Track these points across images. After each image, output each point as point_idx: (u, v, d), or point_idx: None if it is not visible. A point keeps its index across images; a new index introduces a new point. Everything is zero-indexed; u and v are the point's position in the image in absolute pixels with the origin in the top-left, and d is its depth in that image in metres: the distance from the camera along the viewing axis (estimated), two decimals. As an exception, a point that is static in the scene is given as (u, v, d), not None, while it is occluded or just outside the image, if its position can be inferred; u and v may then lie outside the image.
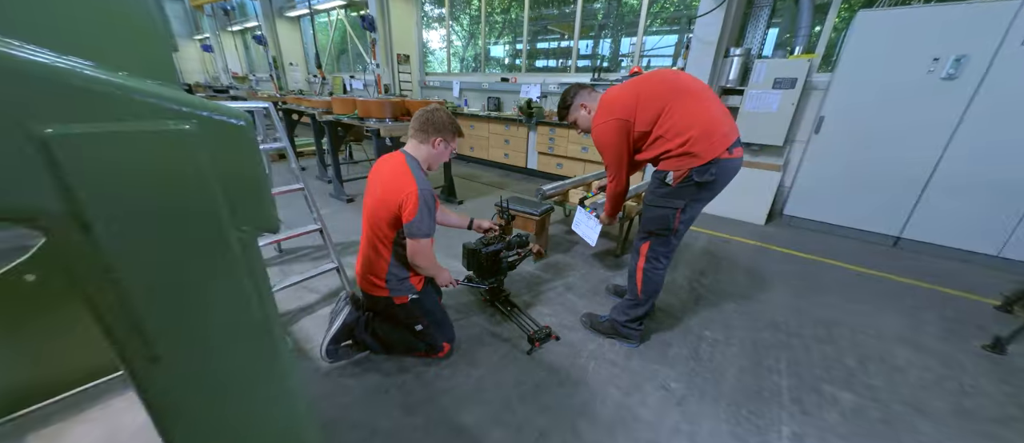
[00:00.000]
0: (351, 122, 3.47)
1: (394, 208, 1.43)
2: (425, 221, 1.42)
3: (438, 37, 7.44)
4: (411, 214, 1.40)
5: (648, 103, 1.52)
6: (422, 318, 1.62)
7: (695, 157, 1.47)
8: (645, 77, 1.61)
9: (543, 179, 5.39)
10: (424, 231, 1.43)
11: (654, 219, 1.65)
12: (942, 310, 2.31)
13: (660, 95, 1.51)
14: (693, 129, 1.46)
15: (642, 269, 1.74)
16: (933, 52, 2.82)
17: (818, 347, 1.93)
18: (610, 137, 1.60)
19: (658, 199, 1.61)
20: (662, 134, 1.51)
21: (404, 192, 1.41)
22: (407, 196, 1.40)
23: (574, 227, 2.27)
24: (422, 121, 1.52)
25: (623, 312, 1.85)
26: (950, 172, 2.95)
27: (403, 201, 1.41)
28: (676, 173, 1.52)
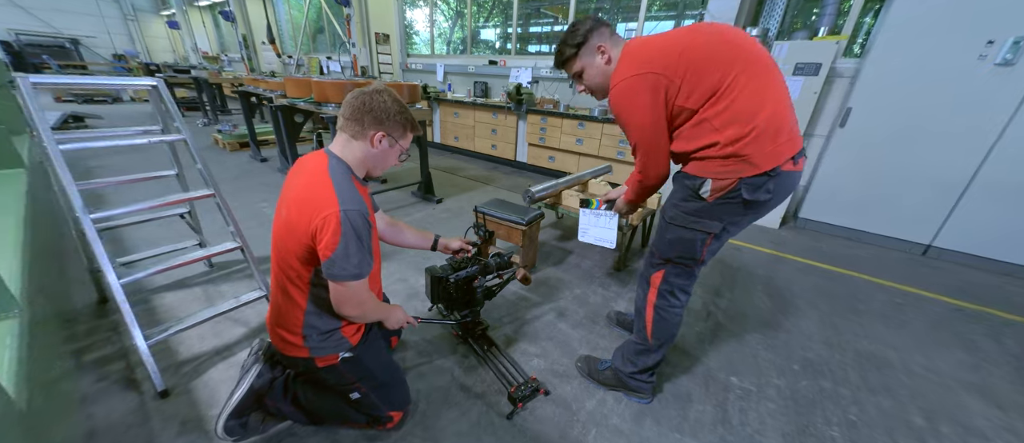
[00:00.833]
0: (307, 107, 2.94)
1: (305, 237, 0.97)
2: (352, 257, 0.96)
3: (424, 17, 6.82)
4: (330, 246, 0.94)
5: (702, 67, 1.00)
6: (358, 384, 1.17)
7: (749, 163, 1.02)
8: (694, 28, 1.08)
9: (533, 174, 4.93)
10: (350, 272, 0.97)
11: (675, 243, 1.21)
12: (1000, 340, 1.95)
13: (721, 60, 1.00)
14: (757, 119, 0.99)
15: (653, 306, 1.32)
16: (988, 34, 2.41)
17: (872, 399, 1.54)
18: (640, 99, 1.05)
19: (684, 216, 1.16)
20: (709, 118, 1.02)
21: (320, 214, 0.94)
22: (324, 220, 0.94)
23: (582, 237, 1.75)
24: (355, 107, 1.03)
25: (630, 360, 1.43)
26: (996, 174, 2.58)
27: (318, 227, 0.94)
28: (717, 182, 1.06)
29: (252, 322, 1.77)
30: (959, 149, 2.64)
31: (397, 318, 1.26)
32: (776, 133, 1.01)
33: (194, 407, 1.33)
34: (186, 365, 1.51)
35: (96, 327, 1.66)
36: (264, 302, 1.71)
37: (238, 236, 1.58)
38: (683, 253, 1.20)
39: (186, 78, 7.66)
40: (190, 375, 1.46)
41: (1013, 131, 2.47)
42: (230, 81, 6.07)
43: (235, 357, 1.57)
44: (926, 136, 2.73)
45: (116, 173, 1.56)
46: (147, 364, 1.31)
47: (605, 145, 4.07)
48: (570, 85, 4.78)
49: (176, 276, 2.07)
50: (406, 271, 2.29)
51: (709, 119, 1.03)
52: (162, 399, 1.35)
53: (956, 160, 2.67)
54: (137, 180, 1.59)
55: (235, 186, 3.61)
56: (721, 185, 1.06)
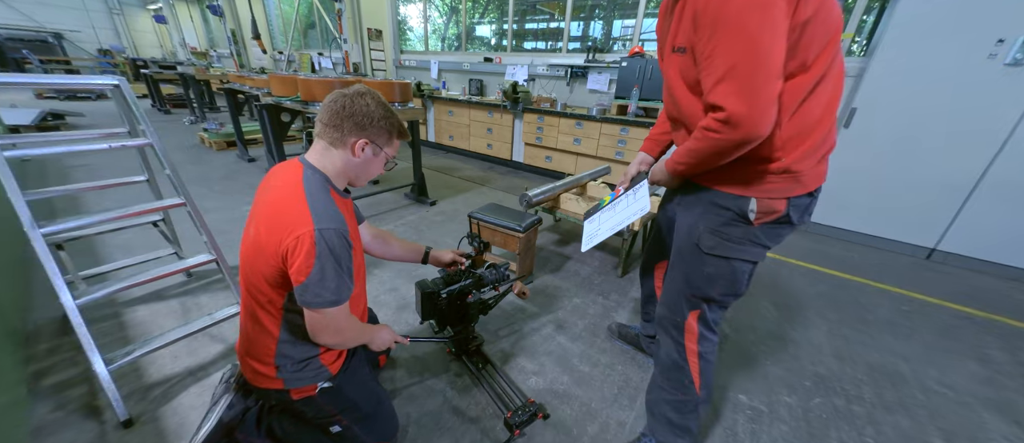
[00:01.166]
0: (294, 106, 2.81)
1: (275, 259, 0.85)
2: (329, 281, 0.85)
3: (417, 12, 6.66)
4: (303, 271, 0.83)
5: (824, 15, 0.74)
6: (339, 416, 1.06)
7: (799, 182, 0.86)
8: None
9: (529, 174, 4.82)
10: (326, 298, 0.86)
11: (716, 278, 0.99)
12: (1014, 351, 1.89)
13: (832, 26, 0.77)
14: (827, 120, 0.83)
15: (697, 355, 1.10)
16: (998, 33, 2.34)
17: (889, 418, 1.46)
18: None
19: (727, 245, 0.96)
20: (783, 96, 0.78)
21: (290, 234, 0.83)
22: (296, 241, 0.82)
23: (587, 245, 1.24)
24: (333, 111, 0.91)
25: (681, 428, 1.16)
26: (1004, 176, 2.52)
27: (289, 249, 0.83)
28: (764, 202, 0.89)
29: (230, 338, 1.66)
30: (966, 150, 2.58)
31: (383, 339, 1.14)
32: (829, 145, 0.87)
33: (160, 438, 1.21)
34: (156, 388, 1.39)
35: (58, 346, 1.54)
36: (242, 318, 1.59)
37: (212, 248, 1.46)
38: (727, 290, 1.00)
39: (172, 74, 7.44)
40: (159, 400, 1.34)
41: (1020, 131, 2.40)
42: (217, 78, 5.89)
43: (210, 378, 1.45)
44: (932, 137, 2.66)
45: (97, 174, 1.44)
46: (108, 392, 1.19)
47: (603, 145, 3.97)
48: (567, 84, 4.68)
49: (151, 287, 1.94)
50: (396, 280, 2.18)
51: (782, 98, 0.76)
52: (125, 429, 1.23)
53: (963, 162, 2.60)
54: (103, 187, 1.46)
55: (220, 187, 3.47)
56: (770, 207, 0.89)
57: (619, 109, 3.88)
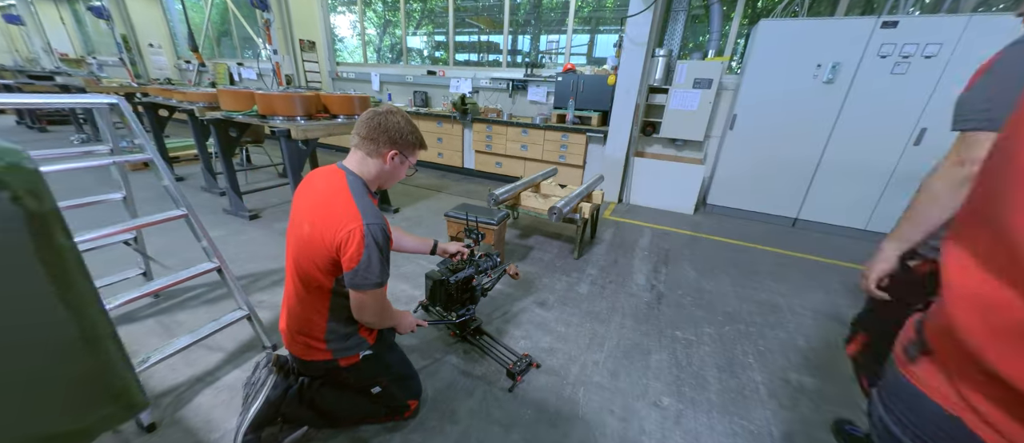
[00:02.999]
0: (248, 120, 2.78)
1: (329, 250, 1.04)
2: (375, 268, 1.04)
3: (347, 23, 6.60)
4: (354, 259, 1.02)
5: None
6: (380, 377, 1.27)
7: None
8: None
9: (482, 179, 5.13)
10: (372, 281, 1.05)
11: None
12: (843, 280, 2.70)
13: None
14: None
15: None
16: (817, 59, 3.28)
17: (772, 333, 2.06)
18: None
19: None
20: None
21: (344, 228, 1.01)
22: (349, 234, 1.01)
23: None
24: (372, 127, 1.11)
25: None
26: (831, 161, 3.49)
27: (343, 241, 1.02)
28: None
29: (227, 346, 1.70)
30: (807, 143, 3.52)
31: (408, 323, 1.33)
32: None
33: (191, 434, 1.28)
34: (164, 397, 1.42)
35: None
36: (244, 323, 1.65)
37: (214, 255, 1.53)
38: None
39: (48, 86, 6.32)
40: (174, 406, 1.38)
41: (838, 129, 3.38)
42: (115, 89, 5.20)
43: (220, 382, 1.51)
44: (785, 134, 3.57)
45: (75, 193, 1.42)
46: (131, 399, 1.23)
47: (548, 150, 4.46)
48: (510, 95, 5.11)
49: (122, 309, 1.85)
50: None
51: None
52: (149, 433, 1.27)
53: (806, 151, 3.54)
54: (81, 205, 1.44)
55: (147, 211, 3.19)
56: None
57: (558, 118, 4.40)
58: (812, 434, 1.44)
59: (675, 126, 4.02)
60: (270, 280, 2.28)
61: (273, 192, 3.83)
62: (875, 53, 3.09)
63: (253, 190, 3.63)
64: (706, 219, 3.96)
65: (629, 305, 2.25)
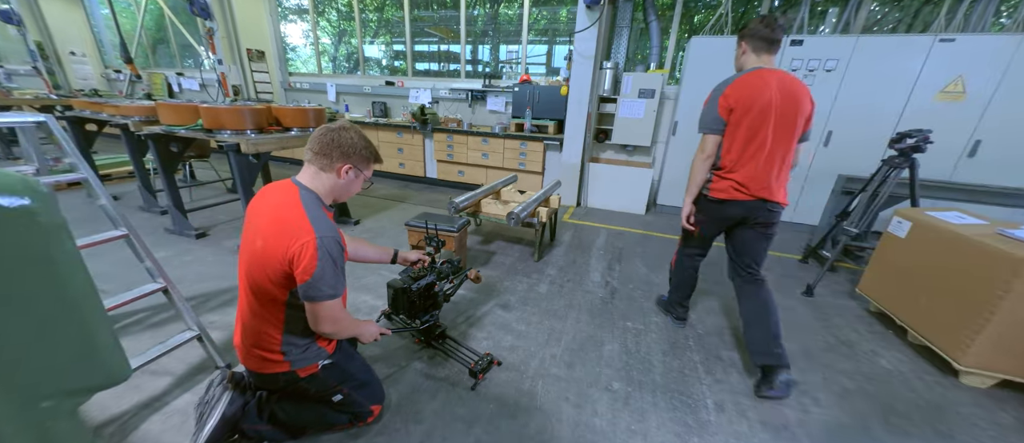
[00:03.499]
0: (192, 135, 2.66)
1: (282, 264, 1.06)
2: (328, 279, 1.08)
3: (300, 32, 6.43)
4: (308, 271, 1.04)
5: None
6: (341, 385, 1.30)
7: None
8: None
9: (445, 188, 5.17)
10: (327, 293, 1.09)
11: None
12: (774, 269, 3.04)
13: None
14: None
15: None
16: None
17: (708, 317, 2.29)
18: None
19: None
20: None
21: (297, 242, 1.04)
22: (302, 247, 1.04)
23: None
24: (324, 143, 1.16)
25: None
26: (759, 162, 3.91)
27: (296, 254, 1.04)
28: None
29: (177, 370, 1.63)
30: (739, 147, 3.91)
31: (371, 332, 1.35)
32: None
33: (139, 463, 1.23)
34: (106, 427, 1.35)
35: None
36: (194, 345, 1.59)
37: (161, 276, 1.48)
38: None
39: (-57, 98, 5.57)
40: (119, 435, 1.32)
41: (763, 134, 3.80)
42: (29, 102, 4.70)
43: (169, 407, 1.45)
44: (721, 140, 3.95)
45: None
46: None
47: (508, 158, 4.60)
48: (469, 105, 5.22)
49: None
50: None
51: None
52: (91, 467, 1.21)
53: (739, 155, 3.94)
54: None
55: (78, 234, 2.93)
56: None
57: (517, 127, 4.57)
58: (738, 401, 1.64)
59: (625, 133, 4.31)
60: (221, 299, 2.19)
61: (222, 209, 3.65)
62: (788, 67, 3.53)
63: (199, 207, 3.44)
64: (657, 218, 4.26)
65: (585, 301, 2.40)
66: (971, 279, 1.75)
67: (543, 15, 5.06)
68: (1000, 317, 1.64)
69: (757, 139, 1.58)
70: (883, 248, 2.31)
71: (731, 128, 1.62)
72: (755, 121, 1.56)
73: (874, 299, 2.35)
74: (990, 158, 3.23)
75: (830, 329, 2.23)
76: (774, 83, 1.55)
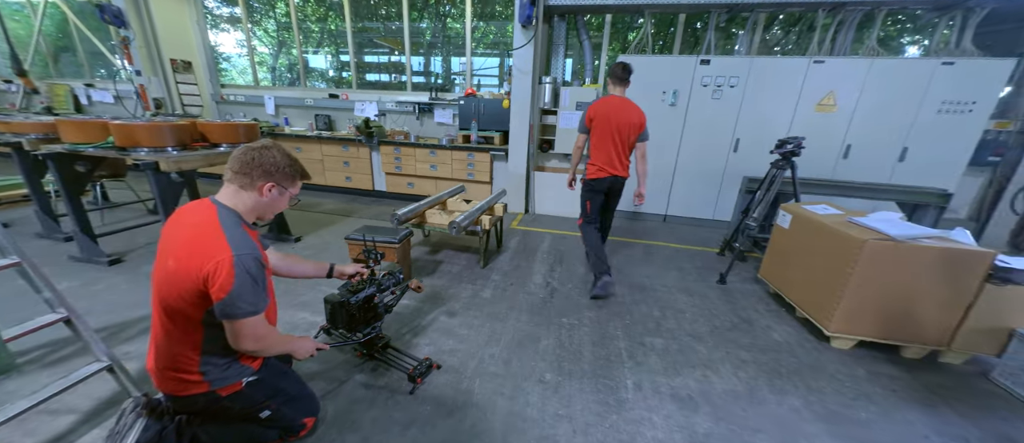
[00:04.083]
0: (102, 153, 2.47)
1: (196, 283, 1.06)
2: (247, 296, 1.08)
3: (235, 41, 6.10)
4: (223, 289, 1.05)
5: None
6: (269, 401, 1.30)
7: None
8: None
9: (395, 201, 5.13)
10: (246, 310, 1.09)
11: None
12: (693, 261, 3.40)
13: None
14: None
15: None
16: (662, 87, 4.11)
17: (637, 308, 2.53)
18: None
19: None
20: None
21: (211, 260, 1.05)
22: (217, 265, 1.04)
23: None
24: (244, 162, 1.17)
25: None
26: (683, 167, 4.35)
27: (210, 273, 1.04)
28: None
29: (83, 406, 1.52)
30: (666, 153, 4.33)
31: (306, 348, 1.36)
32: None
33: (37, 506, 1.15)
34: (-5, 477, 1.23)
35: None
36: (104, 378, 1.50)
37: (61, 306, 1.39)
38: None
39: None
40: (10, 482, 1.21)
41: (684, 142, 4.24)
42: None
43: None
44: (652, 146, 4.29)
45: None
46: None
47: (456, 169, 4.69)
48: (417, 118, 5.26)
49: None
50: (282, 310, 2.25)
51: None
52: (-24, 518, 1.11)
53: (666, 160, 4.36)
54: None
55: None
56: None
57: (464, 138, 4.68)
58: (654, 379, 1.85)
59: (567, 143, 4.58)
60: (139, 328, 2.05)
61: (142, 231, 3.37)
62: (699, 83, 4.00)
63: (113, 231, 3.15)
64: (598, 221, 4.55)
65: (526, 302, 2.54)
66: (832, 259, 2.13)
67: (491, 29, 5.27)
68: (851, 289, 2.01)
69: (605, 138, 2.55)
70: (774, 238, 2.71)
71: (592, 131, 2.60)
72: (603, 127, 2.54)
73: (770, 282, 2.73)
74: (858, 159, 3.88)
75: (736, 310, 2.55)
76: (617, 104, 2.53)
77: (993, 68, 3.43)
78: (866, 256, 1.94)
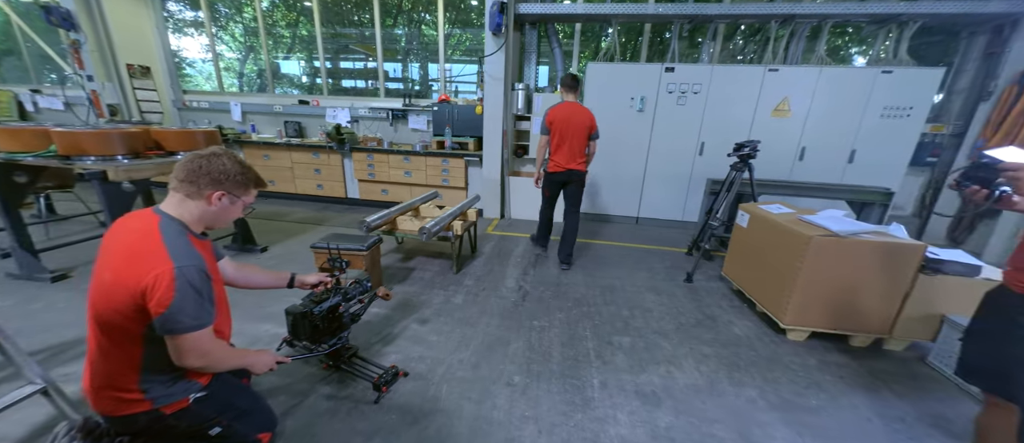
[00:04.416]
0: (43, 162, 2.32)
1: (134, 296, 1.00)
2: (189, 310, 1.03)
3: (200, 46, 5.87)
4: (163, 302, 0.98)
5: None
6: (219, 418, 1.25)
7: None
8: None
9: (368, 208, 5.03)
10: (188, 324, 1.04)
11: None
12: (663, 261, 3.50)
13: None
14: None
15: None
16: (630, 93, 4.25)
17: (606, 308, 2.58)
18: None
19: None
20: None
21: (150, 272, 0.99)
22: (156, 278, 0.99)
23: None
24: (190, 170, 1.13)
25: None
26: (653, 170, 4.49)
27: (149, 285, 0.99)
28: None
29: (14, 433, 1.42)
30: (636, 157, 4.46)
31: (264, 362, 1.29)
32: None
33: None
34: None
35: None
36: (39, 401, 1.40)
37: (-12, 327, 1.29)
38: None
39: None
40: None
41: (652, 146, 4.39)
42: None
43: (2, 477, 1.26)
44: (623, 150, 4.47)
45: None
46: None
47: (430, 175, 4.67)
48: (391, 124, 5.21)
49: None
50: (244, 322, 2.18)
51: None
52: None
53: (636, 164, 4.49)
54: None
55: None
56: None
57: (438, 144, 4.67)
58: (619, 377, 1.89)
59: (540, 148, 4.65)
60: (81, 349, 1.92)
61: (91, 245, 3.16)
62: (665, 90, 4.16)
63: (58, 246, 2.95)
64: (573, 225, 4.62)
65: (498, 306, 2.55)
66: (784, 255, 2.25)
67: (467, 36, 5.29)
68: (801, 282, 2.13)
69: (564, 139, 2.99)
70: (735, 237, 2.83)
71: (552, 133, 3.02)
72: (560, 129, 2.98)
73: (733, 279, 2.85)
74: (812, 161, 4.12)
75: (701, 307, 2.65)
76: (571, 109, 2.97)
77: (926, 76, 3.74)
78: (813, 251, 2.05)
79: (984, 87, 3.91)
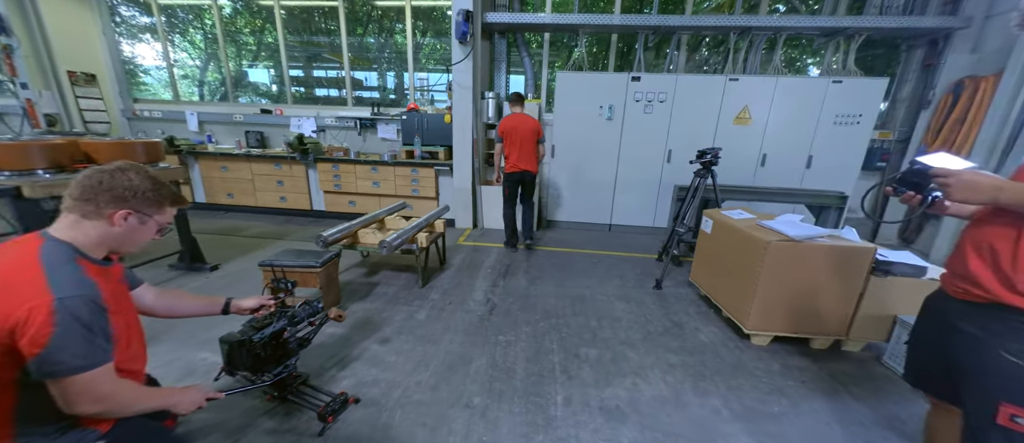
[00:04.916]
0: (-52, 180, 2.07)
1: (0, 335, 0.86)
2: (73, 348, 0.88)
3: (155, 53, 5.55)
4: (37, 342, 0.84)
5: None
6: (122, 467, 1.09)
7: None
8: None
9: (334, 220, 4.82)
10: (73, 365, 0.88)
11: None
12: (634, 269, 3.50)
13: None
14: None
15: None
16: (599, 102, 4.29)
17: (574, 319, 2.53)
18: None
19: None
20: None
21: (21, 307, 0.85)
22: (28, 313, 0.85)
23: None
24: (86, 187, 0.99)
25: None
26: (623, 177, 4.53)
27: (19, 323, 0.85)
28: None
29: None
30: (605, 164, 4.49)
31: (189, 400, 1.15)
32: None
33: None
34: None
35: None
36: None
37: None
38: None
39: None
40: None
41: (622, 154, 4.43)
42: None
43: None
44: (592, 158, 4.49)
45: None
46: None
47: (399, 185, 4.55)
48: (359, 134, 5.06)
49: None
50: (180, 349, 2.00)
51: None
52: None
53: (606, 172, 4.52)
54: None
55: None
56: None
57: (407, 153, 4.56)
58: (585, 392, 1.83)
59: (511, 156, 4.61)
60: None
61: None
62: (632, 99, 4.22)
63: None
64: (544, 233, 4.59)
65: (463, 321, 2.45)
66: (745, 260, 2.27)
67: (439, 45, 5.22)
68: (762, 287, 2.14)
69: (515, 144, 3.50)
70: (700, 243, 2.86)
71: (505, 140, 3.55)
72: (511, 136, 3.50)
73: (699, 285, 2.86)
74: (773, 167, 4.26)
75: (669, 314, 2.64)
76: (518, 119, 3.49)
77: (872, 86, 3.95)
78: (771, 256, 2.08)
79: (924, 96, 4.18)
